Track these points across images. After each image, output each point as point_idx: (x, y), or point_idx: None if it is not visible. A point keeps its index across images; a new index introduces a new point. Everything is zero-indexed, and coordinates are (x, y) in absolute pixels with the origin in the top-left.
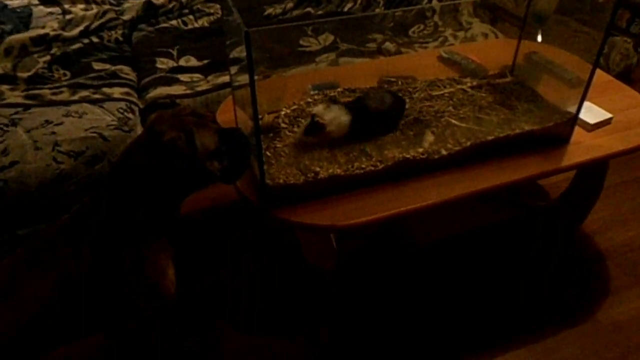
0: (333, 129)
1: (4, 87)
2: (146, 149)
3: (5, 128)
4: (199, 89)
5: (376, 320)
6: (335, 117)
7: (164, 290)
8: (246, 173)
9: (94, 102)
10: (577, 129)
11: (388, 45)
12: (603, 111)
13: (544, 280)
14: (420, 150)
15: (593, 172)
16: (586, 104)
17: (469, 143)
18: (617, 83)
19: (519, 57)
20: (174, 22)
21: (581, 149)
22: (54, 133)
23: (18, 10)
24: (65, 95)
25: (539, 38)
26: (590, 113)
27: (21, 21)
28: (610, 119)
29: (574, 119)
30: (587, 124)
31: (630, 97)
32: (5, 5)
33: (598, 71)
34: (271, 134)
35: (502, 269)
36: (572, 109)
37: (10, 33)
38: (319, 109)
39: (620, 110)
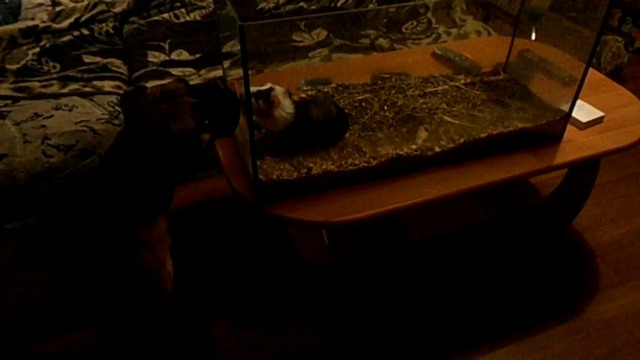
0: (277, 116)
1: None
2: (131, 143)
3: None
4: (191, 82)
5: (369, 315)
6: (286, 106)
7: (161, 283)
8: (239, 167)
9: (84, 95)
10: (569, 127)
11: (381, 41)
12: (595, 109)
13: (534, 277)
14: (414, 147)
15: (584, 170)
16: (578, 102)
17: (462, 140)
18: (609, 82)
19: (512, 54)
20: (165, 15)
21: (573, 147)
22: (43, 126)
23: (6, 1)
24: (55, 88)
25: (533, 36)
26: (583, 111)
27: (10, 12)
28: (602, 117)
29: (567, 117)
30: (580, 122)
31: (622, 96)
32: None
33: (590, 69)
34: (264, 129)
35: (493, 266)
36: (565, 107)
37: None
38: (280, 89)
39: (612, 108)
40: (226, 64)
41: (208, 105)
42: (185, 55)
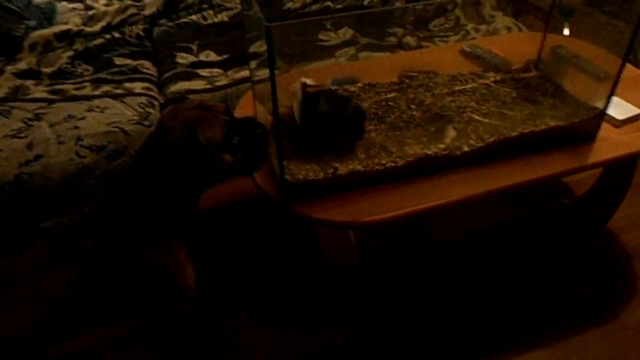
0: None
1: (29, 82)
2: (156, 146)
3: (30, 122)
4: (219, 83)
5: (396, 315)
6: (298, 97)
7: (184, 284)
8: (265, 167)
9: (115, 96)
10: (604, 125)
11: (408, 39)
12: (632, 106)
13: (568, 279)
14: (442, 146)
15: (620, 169)
16: (614, 99)
17: (492, 139)
18: None
19: (544, 51)
20: (193, 17)
21: (609, 145)
22: (76, 127)
23: (42, 6)
24: (87, 90)
25: (566, 31)
26: (619, 108)
27: (45, 17)
28: (639, 114)
29: (602, 115)
30: (615, 119)
31: None
32: (30, 2)
33: (627, 65)
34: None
35: (526, 266)
36: (600, 105)
37: (35, 29)
38: (300, 80)
39: None
40: (253, 64)
41: (241, 130)
42: (213, 56)
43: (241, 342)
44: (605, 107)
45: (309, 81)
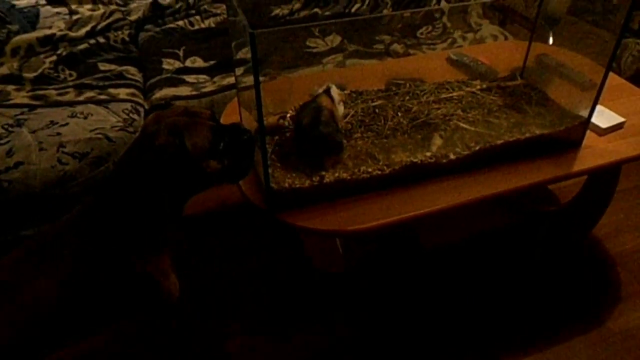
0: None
1: (10, 88)
2: (140, 152)
3: (10, 128)
4: (205, 90)
5: (382, 323)
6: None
7: (166, 292)
8: (251, 175)
9: (99, 102)
10: (588, 133)
11: (396, 46)
12: (615, 115)
13: (553, 286)
14: (428, 154)
15: (605, 177)
16: (598, 107)
17: (478, 147)
18: (629, 86)
19: (529, 59)
20: (180, 22)
21: (593, 153)
22: (59, 134)
23: (25, 10)
24: (70, 96)
25: (550, 40)
26: (602, 117)
27: (28, 21)
28: (623, 123)
29: (586, 123)
30: (599, 128)
31: None
32: (13, 5)
33: (610, 74)
34: (276, 136)
35: (511, 274)
36: (584, 113)
37: (17, 33)
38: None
39: (632, 114)
40: (239, 71)
41: (228, 136)
42: (199, 63)
43: (229, 349)
44: (590, 115)
45: (335, 89)
